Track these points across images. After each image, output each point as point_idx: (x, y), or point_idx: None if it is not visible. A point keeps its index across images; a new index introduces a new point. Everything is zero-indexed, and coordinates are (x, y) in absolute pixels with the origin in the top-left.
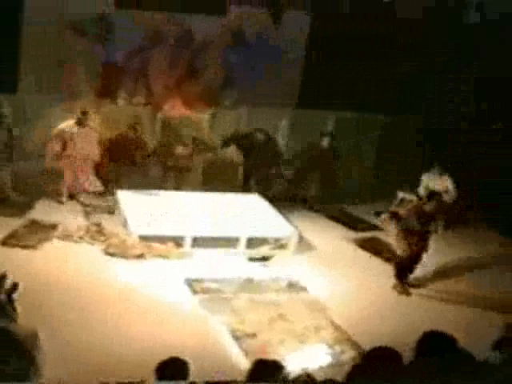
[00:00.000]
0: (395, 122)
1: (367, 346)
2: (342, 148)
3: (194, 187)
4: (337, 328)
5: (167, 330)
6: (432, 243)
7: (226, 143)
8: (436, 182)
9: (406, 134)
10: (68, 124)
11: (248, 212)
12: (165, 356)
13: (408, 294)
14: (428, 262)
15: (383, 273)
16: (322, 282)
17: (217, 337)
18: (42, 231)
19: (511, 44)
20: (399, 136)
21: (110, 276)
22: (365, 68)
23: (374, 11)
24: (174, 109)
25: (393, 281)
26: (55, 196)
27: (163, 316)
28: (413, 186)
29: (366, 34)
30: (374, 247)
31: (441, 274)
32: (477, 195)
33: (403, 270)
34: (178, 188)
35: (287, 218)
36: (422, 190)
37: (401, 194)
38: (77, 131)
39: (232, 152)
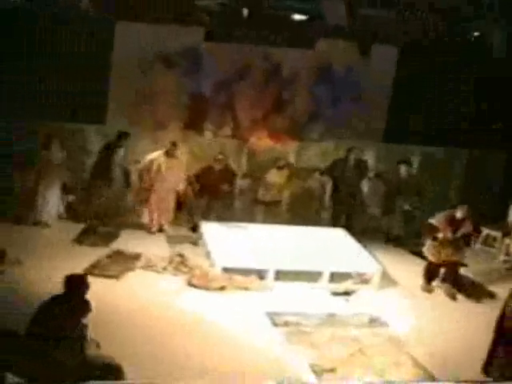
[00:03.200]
0: (481, 155)
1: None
2: (425, 181)
3: (279, 220)
4: (417, 364)
5: (246, 362)
6: None
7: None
8: None
9: (491, 167)
10: (157, 154)
11: (332, 246)
12: None
13: (430, 291)
14: None
15: (465, 309)
16: (404, 317)
17: (296, 370)
18: (125, 261)
19: None
20: (485, 169)
21: (190, 307)
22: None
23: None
24: (261, 141)
25: (476, 317)
26: (146, 227)
27: (242, 347)
28: (498, 220)
29: (452, 67)
30: (457, 283)
31: None
32: None
33: (430, 272)
34: (263, 221)
35: (370, 253)
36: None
37: (485, 231)
38: (165, 161)
39: (319, 183)
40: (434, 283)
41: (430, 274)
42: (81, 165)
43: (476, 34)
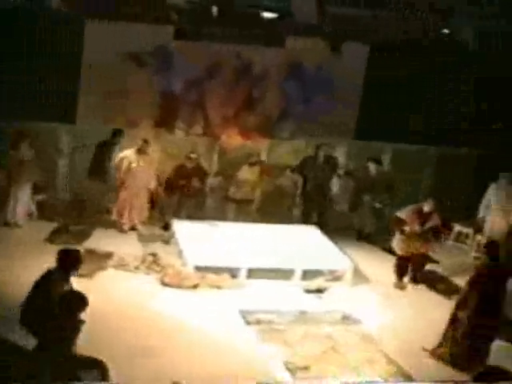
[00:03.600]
0: (452, 153)
1: (421, 379)
2: (396, 179)
3: (250, 218)
4: (390, 361)
5: (219, 360)
6: None
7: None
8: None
9: (462, 164)
10: (128, 152)
11: (304, 243)
12: None
13: (403, 288)
14: None
15: (438, 305)
16: (376, 314)
17: (269, 369)
18: (97, 260)
19: None
20: (456, 167)
21: (164, 306)
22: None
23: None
24: (232, 139)
25: (447, 312)
26: (118, 225)
27: (215, 346)
28: (470, 217)
29: (423, 65)
30: (429, 280)
31: None
32: None
33: (401, 267)
34: (234, 219)
35: (342, 250)
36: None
37: (457, 227)
38: (136, 159)
39: (290, 180)
40: (406, 279)
41: (400, 270)
42: (52, 164)
43: (446, 31)
